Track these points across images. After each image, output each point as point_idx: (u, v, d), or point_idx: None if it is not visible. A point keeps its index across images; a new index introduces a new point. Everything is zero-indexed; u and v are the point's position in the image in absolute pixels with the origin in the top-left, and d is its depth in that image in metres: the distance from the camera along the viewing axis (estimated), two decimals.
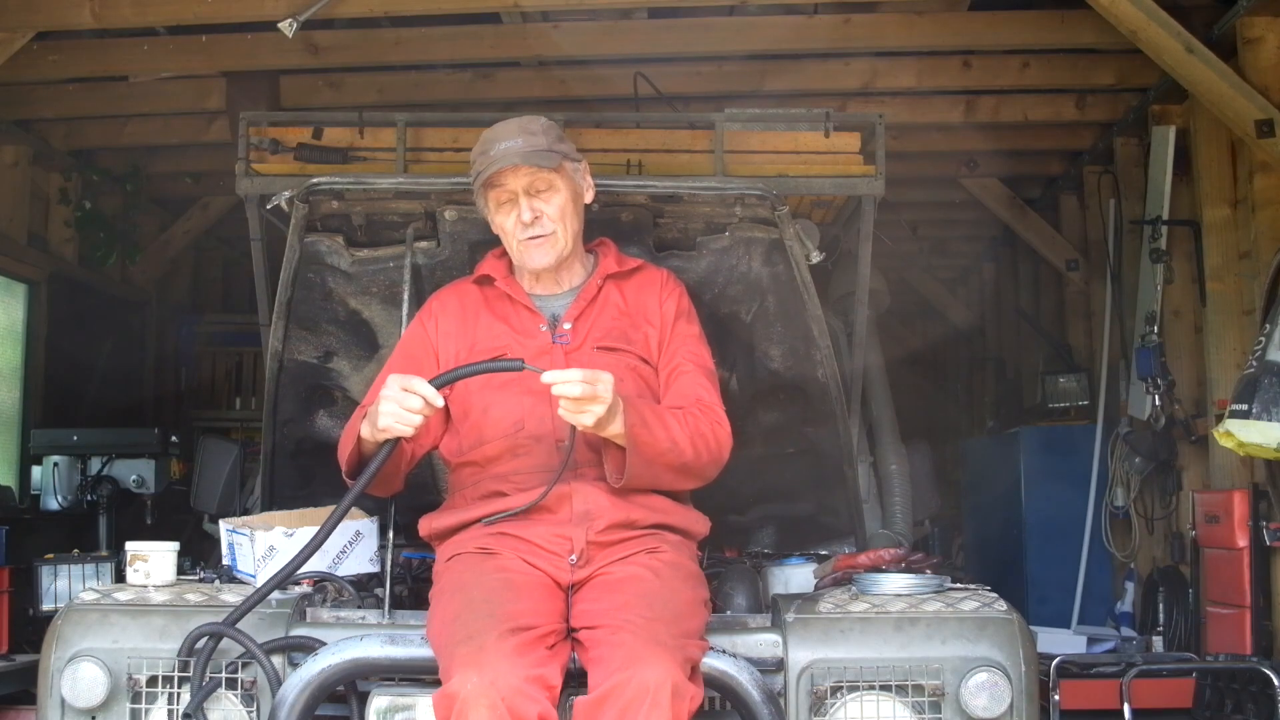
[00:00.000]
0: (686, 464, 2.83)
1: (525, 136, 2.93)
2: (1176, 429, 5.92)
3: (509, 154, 2.89)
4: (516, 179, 2.92)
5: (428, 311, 3.12)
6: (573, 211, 2.97)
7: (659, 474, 2.81)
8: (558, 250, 2.97)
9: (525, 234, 2.94)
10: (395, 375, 2.71)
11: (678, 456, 2.80)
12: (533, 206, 2.92)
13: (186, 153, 7.21)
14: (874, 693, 2.69)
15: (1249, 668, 4.66)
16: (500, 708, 2.33)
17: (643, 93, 5.15)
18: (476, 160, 2.96)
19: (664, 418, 2.81)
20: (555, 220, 2.94)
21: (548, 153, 2.91)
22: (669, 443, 2.78)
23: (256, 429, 4.90)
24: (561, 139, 3.00)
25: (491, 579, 2.67)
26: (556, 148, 2.95)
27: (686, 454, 2.81)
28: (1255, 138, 4.77)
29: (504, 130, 2.96)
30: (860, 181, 3.92)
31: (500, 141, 2.92)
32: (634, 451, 2.71)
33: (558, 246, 2.96)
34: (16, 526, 5.24)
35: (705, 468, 2.89)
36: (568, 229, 2.96)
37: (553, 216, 2.94)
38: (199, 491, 4.36)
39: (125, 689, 2.73)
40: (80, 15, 5.07)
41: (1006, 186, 7.70)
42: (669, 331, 3.04)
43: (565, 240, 2.97)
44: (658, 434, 2.76)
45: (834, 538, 3.96)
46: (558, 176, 2.94)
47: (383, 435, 2.70)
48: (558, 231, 2.95)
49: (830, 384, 3.55)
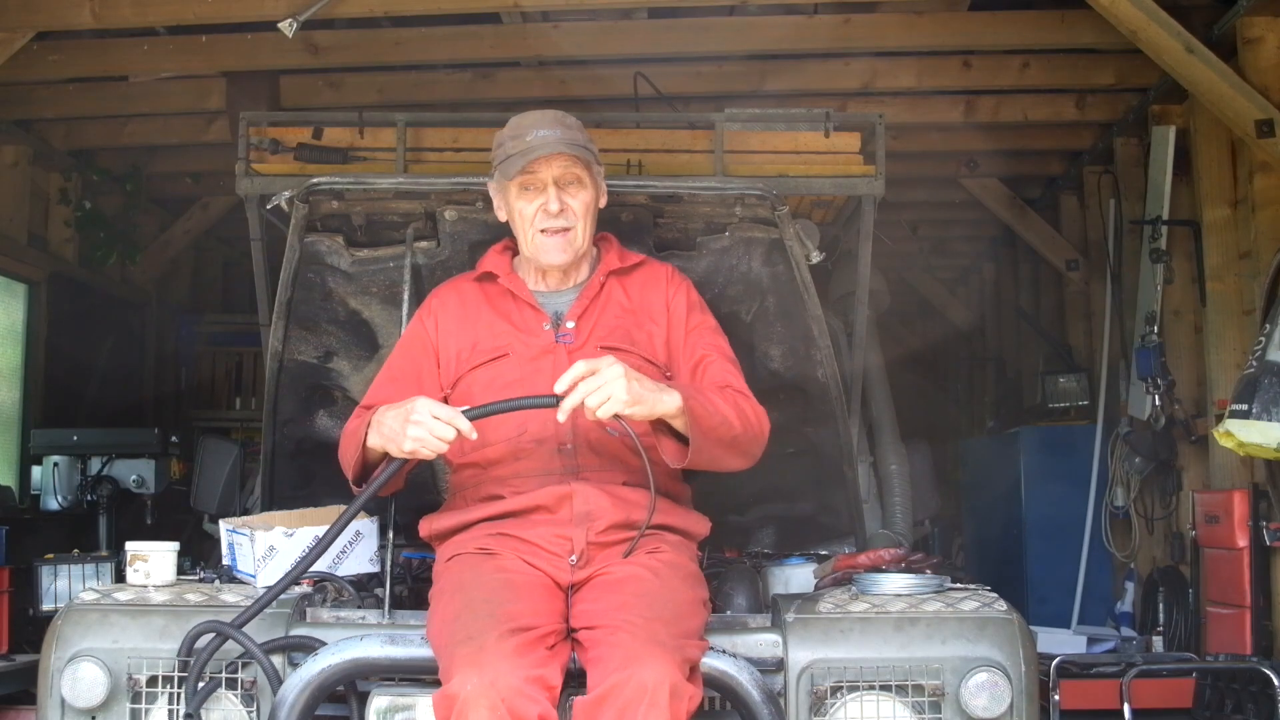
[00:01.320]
0: (737, 438, 2.80)
1: (563, 129, 2.92)
2: (1176, 429, 5.92)
3: (549, 141, 2.88)
4: (549, 169, 2.90)
5: (427, 309, 3.10)
6: (594, 212, 2.98)
7: (715, 450, 2.76)
8: (574, 248, 2.96)
9: (546, 223, 2.92)
10: (426, 401, 2.67)
11: (729, 430, 2.76)
12: (561, 198, 2.91)
13: (186, 153, 7.22)
14: (874, 693, 2.69)
15: (1249, 668, 4.66)
16: (500, 708, 2.33)
17: (643, 93, 5.15)
18: (507, 143, 2.93)
19: (708, 394, 2.79)
20: (579, 216, 2.93)
21: (584, 148, 2.92)
22: (720, 417, 2.75)
23: (256, 429, 4.90)
24: (591, 140, 3.00)
25: (492, 579, 2.66)
26: (590, 146, 2.96)
27: (736, 427, 2.78)
28: (1255, 138, 4.77)
29: (540, 119, 2.94)
30: (860, 181, 3.93)
31: (537, 129, 2.91)
32: (693, 424, 2.67)
33: (574, 244, 2.95)
34: (16, 526, 5.23)
35: (752, 443, 2.87)
36: (586, 228, 2.96)
37: (577, 212, 2.93)
38: (199, 491, 4.36)
39: (125, 689, 2.73)
40: (80, 15, 5.07)
41: (1006, 186, 7.70)
42: (682, 327, 3.02)
43: (582, 239, 2.96)
44: (709, 408, 2.72)
45: (834, 538, 3.96)
46: (587, 173, 2.94)
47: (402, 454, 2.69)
48: (578, 229, 2.94)
49: (830, 384, 3.55)
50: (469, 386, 2.95)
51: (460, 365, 2.98)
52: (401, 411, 2.67)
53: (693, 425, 2.67)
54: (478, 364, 2.96)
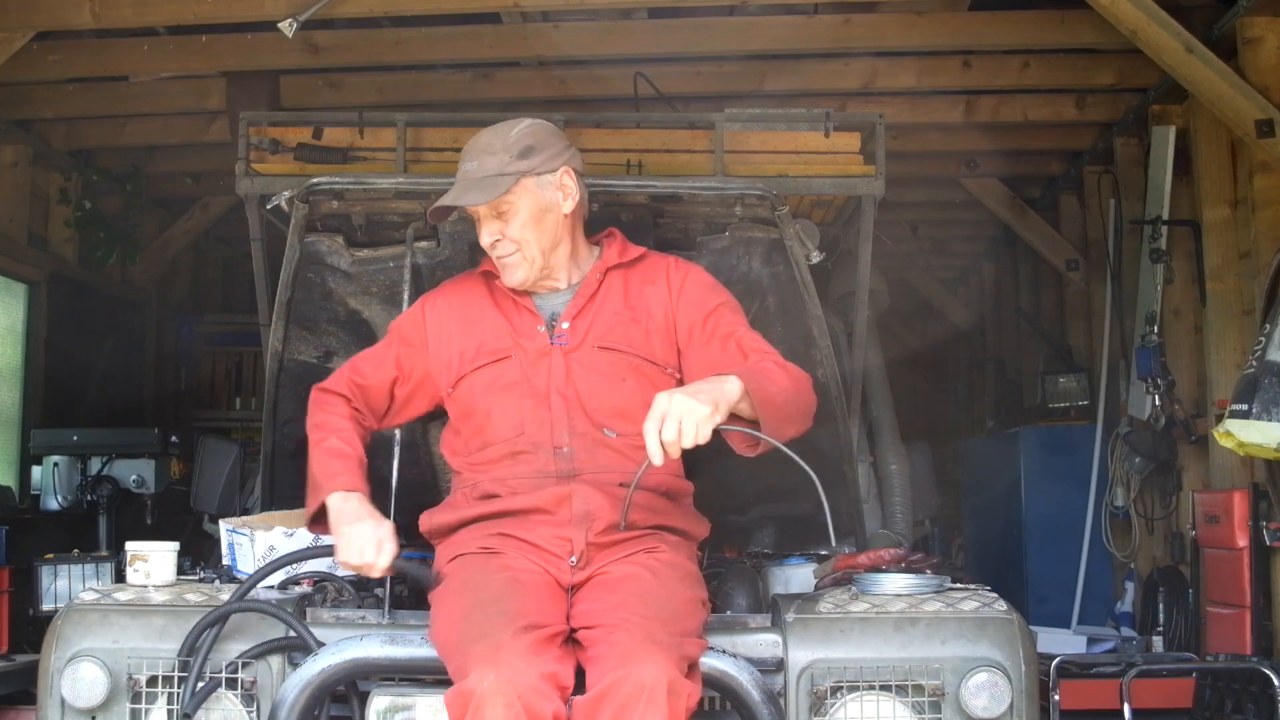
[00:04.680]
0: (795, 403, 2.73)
1: (481, 158, 2.89)
2: (1176, 429, 5.92)
3: (455, 189, 2.90)
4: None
5: (430, 302, 3.07)
6: (536, 227, 2.90)
7: (782, 423, 2.65)
8: (526, 268, 2.93)
9: (494, 253, 2.94)
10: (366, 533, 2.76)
11: (786, 397, 2.69)
12: (490, 230, 2.91)
13: (186, 153, 7.22)
14: (874, 693, 2.69)
15: (1249, 668, 4.66)
16: (516, 705, 2.32)
17: (643, 93, 5.15)
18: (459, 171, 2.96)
19: (757, 369, 2.72)
20: (517, 239, 2.90)
21: (496, 177, 2.85)
22: (777, 386, 2.68)
23: (256, 429, 4.90)
24: (529, 150, 2.89)
25: (499, 578, 2.66)
26: (510, 168, 2.86)
27: (790, 390, 2.72)
28: (1255, 138, 4.76)
29: (471, 148, 2.93)
30: (860, 181, 3.92)
31: (465, 161, 2.92)
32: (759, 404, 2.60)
33: (524, 265, 2.93)
34: (16, 526, 5.23)
35: (809, 405, 2.80)
36: (534, 245, 2.91)
37: (513, 237, 2.90)
38: (199, 491, 4.36)
39: (125, 689, 2.73)
40: (80, 15, 5.07)
41: (1006, 186, 7.70)
42: (699, 311, 2.95)
43: (533, 256, 2.92)
44: (765, 382, 2.65)
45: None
46: (512, 196, 2.88)
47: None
48: (522, 249, 2.91)
49: (830, 384, 3.55)
50: (470, 387, 2.95)
51: (463, 365, 2.97)
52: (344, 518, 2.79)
53: (760, 406, 2.60)
54: (481, 365, 2.95)
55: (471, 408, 2.95)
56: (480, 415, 2.93)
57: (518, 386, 2.90)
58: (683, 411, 2.48)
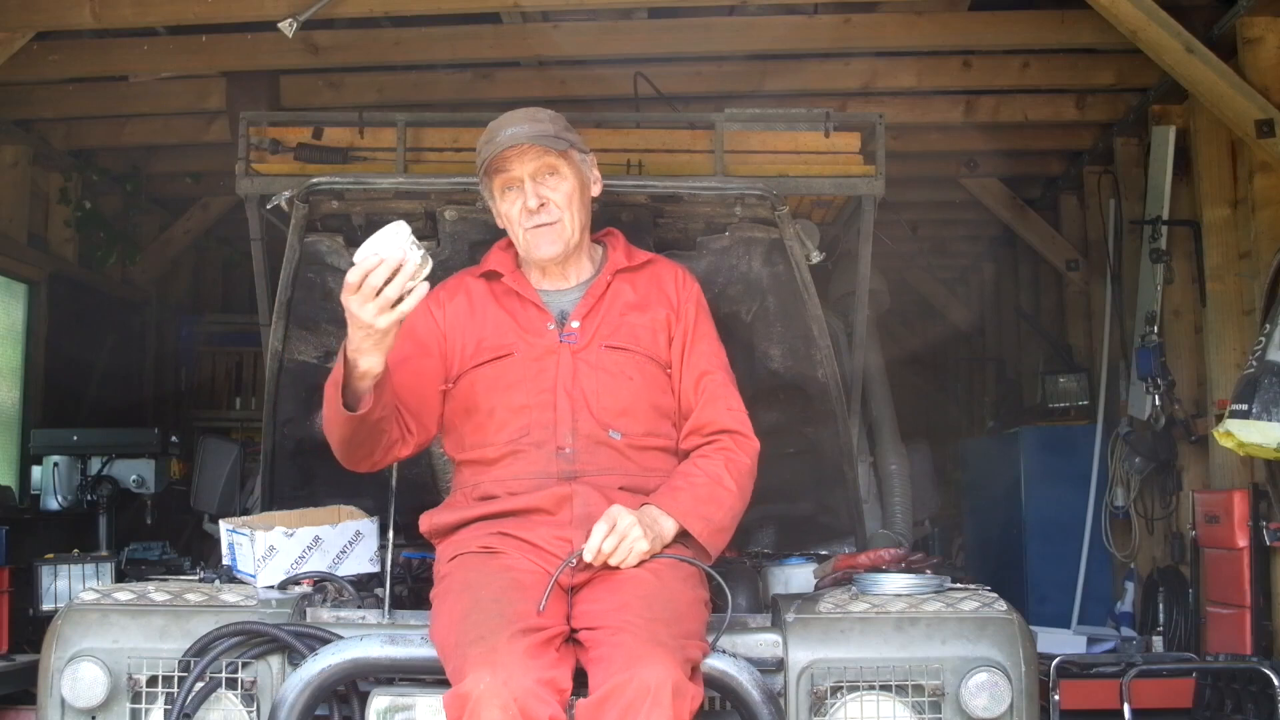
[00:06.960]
0: (740, 510, 2.94)
1: (531, 123, 2.90)
2: (1176, 429, 5.92)
3: (516, 137, 2.86)
4: (523, 164, 2.88)
5: (436, 300, 3.04)
6: (580, 201, 2.93)
7: (722, 532, 2.90)
8: (565, 239, 2.92)
9: (531, 221, 2.90)
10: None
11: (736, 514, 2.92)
12: (539, 193, 2.88)
13: (186, 153, 7.22)
14: (874, 693, 2.69)
15: (1249, 668, 4.65)
16: (513, 708, 2.32)
17: (643, 93, 5.15)
18: (482, 149, 2.93)
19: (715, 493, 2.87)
20: (562, 207, 2.89)
21: (555, 138, 2.89)
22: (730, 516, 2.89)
23: (256, 429, 4.90)
24: (569, 129, 2.96)
25: (499, 579, 2.66)
26: (564, 135, 2.92)
27: (740, 504, 2.93)
28: (1255, 138, 4.76)
29: (510, 118, 2.93)
30: (860, 181, 3.92)
31: (506, 128, 2.89)
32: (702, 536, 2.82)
33: (564, 235, 2.92)
34: (16, 526, 5.24)
35: (747, 495, 2.97)
36: (575, 218, 2.92)
37: (559, 203, 2.89)
38: (199, 491, 4.36)
39: (125, 689, 2.73)
40: (80, 15, 5.06)
41: (1006, 186, 7.70)
42: (690, 335, 3.00)
43: (572, 230, 2.92)
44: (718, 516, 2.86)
45: (834, 538, 3.96)
46: (564, 163, 2.90)
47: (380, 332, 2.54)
48: (564, 220, 2.90)
49: (830, 384, 3.55)
50: (472, 384, 2.94)
51: (465, 361, 2.96)
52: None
53: (699, 535, 2.82)
54: (482, 362, 2.94)
55: (473, 406, 2.93)
56: (482, 414, 2.92)
57: (520, 384, 2.89)
58: (631, 537, 2.68)
